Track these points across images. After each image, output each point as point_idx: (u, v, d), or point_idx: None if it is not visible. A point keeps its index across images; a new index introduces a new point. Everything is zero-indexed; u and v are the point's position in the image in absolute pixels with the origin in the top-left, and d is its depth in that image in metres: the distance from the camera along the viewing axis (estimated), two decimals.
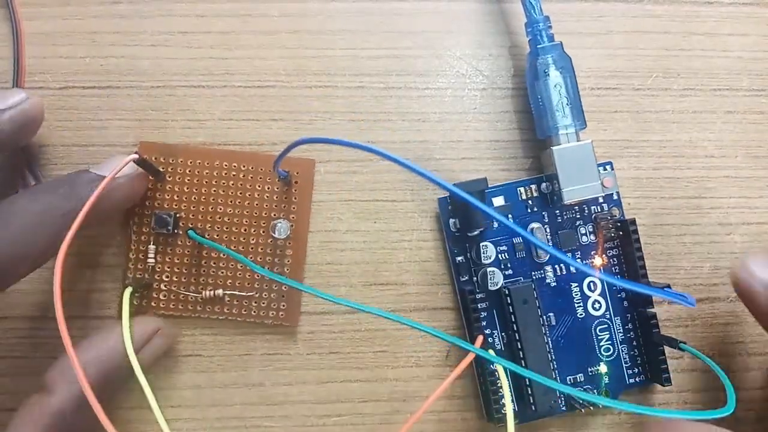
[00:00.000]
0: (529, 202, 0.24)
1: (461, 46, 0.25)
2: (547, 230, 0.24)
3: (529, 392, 0.22)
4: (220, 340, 0.24)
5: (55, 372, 0.19)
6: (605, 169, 0.24)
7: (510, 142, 0.25)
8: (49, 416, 0.18)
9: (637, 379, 0.24)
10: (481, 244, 0.23)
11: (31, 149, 0.24)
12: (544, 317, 0.24)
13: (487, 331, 0.24)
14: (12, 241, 0.18)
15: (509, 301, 0.23)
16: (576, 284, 0.24)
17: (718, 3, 0.26)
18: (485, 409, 0.23)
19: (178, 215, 0.23)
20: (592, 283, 0.24)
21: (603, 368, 0.24)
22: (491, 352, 0.22)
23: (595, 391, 0.24)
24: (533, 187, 0.24)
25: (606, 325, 0.24)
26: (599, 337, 0.24)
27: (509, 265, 0.24)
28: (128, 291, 0.22)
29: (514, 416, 0.22)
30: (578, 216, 0.24)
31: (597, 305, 0.24)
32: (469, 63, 0.25)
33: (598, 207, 0.24)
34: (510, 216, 0.24)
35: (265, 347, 0.24)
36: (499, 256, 0.24)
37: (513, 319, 0.23)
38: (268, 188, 0.24)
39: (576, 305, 0.24)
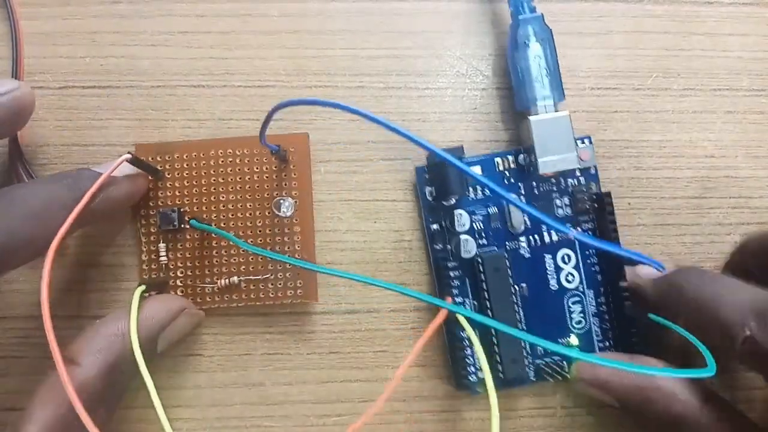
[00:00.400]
0: (506, 173, 0.24)
1: (461, 46, 0.25)
2: (524, 202, 0.24)
3: (498, 360, 0.22)
4: (221, 339, 0.24)
5: (80, 345, 0.19)
6: (583, 143, 0.24)
7: (510, 142, 0.25)
8: (76, 386, 0.18)
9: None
10: (455, 212, 0.24)
11: (22, 147, 0.24)
12: (517, 287, 0.24)
13: (459, 299, 0.24)
14: (10, 231, 0.18)
15: (481, 269, 0.23)
16: (550, 256, 0.24)
17: (718, 3, 0.26)
18: (454, 377, 0.23)
19: (182, 210, 0.23)
20: (566, 256, 0.24)
21: (574, 340, 0.24)
22: (461, 317, 0.21)
23: (564, 362, 0.23)
24: (510, 158, 0.24)
25: (578, 298, 0.24)
26: (571, 309, 0.24)
27: (483, 235, 0.24)
28: (139, 290, 0.22)
29: (481, 382, 0.23)
30: (555, 188, 0.24)
31: (570, 277, 0.24)
32: (469, 63, 0.25)
33: (575, 180, 0.24)
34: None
35: (265, 347, 0.24)
36: (474, 225, 0.24)
37: (485, 287, 0.23)
38: (267, 168, 0.24)
39: (549, 277, 0.24)
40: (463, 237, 0.23)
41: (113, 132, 0.24)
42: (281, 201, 0.24)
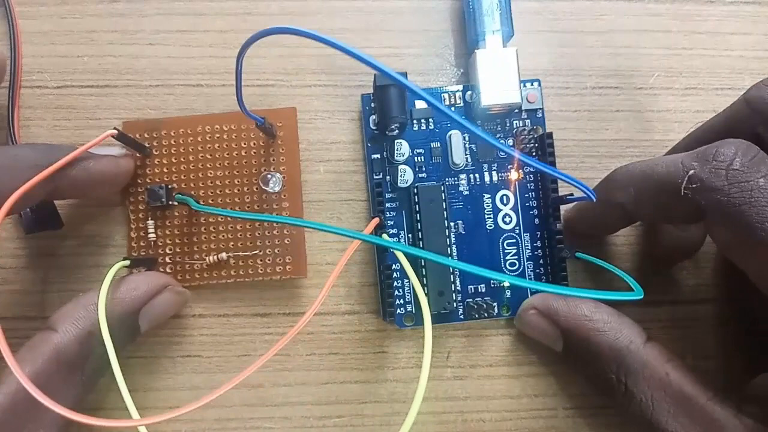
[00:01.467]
0: (452, 109, 0.24)
1: (461, 45, 0.25)
2: (467, 139, 0.24)
3: (425, 292, 0.22)
4: (220, 341, 0.24)
5: (60, 314, 0.20)
6: (532, 85, 0.24)
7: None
8: (51, 349, 0.19)
9: None
10: (395, 141, 0.23)
11: (14, 120, 0.24)
12: (453, 224, 0.23)
13: (394, 231, 0.23)
14: None
15: (416, 200, 0.23)
16: (489, 196, 0.24)
17: (720, 2, 0.26)
18: (381, 308, 0.23)
19: (170, 186, 0.23)
20: (505, 197, 0.24)
21: (506, 282, 0.23)
22: (396, 250, 0.20)
23: (495, 304, 0.23)
24: (458, 94, 0.24)
25: (514, 240, 0.24)
26: (506, 251, 0.24)
27: (424, 169, 0.24)
28: (121, 263, 0.22)
29: (411, 317, 0.23)
30: (499, 128, 0.24)
31: (507, 219, 0.24)
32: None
33: (521, 122, 0.24)
34: (431, 120, 0.24)
35: (265, 348, 0.24)
36: (415, 158, 0.24)
37: (418, 218, 0.23)
38: (254, 144, 0.24)
39: (486, 216, 0.24)
40: (401, 166, 0.23)
41: None
42: (269, 176, 0.23)
